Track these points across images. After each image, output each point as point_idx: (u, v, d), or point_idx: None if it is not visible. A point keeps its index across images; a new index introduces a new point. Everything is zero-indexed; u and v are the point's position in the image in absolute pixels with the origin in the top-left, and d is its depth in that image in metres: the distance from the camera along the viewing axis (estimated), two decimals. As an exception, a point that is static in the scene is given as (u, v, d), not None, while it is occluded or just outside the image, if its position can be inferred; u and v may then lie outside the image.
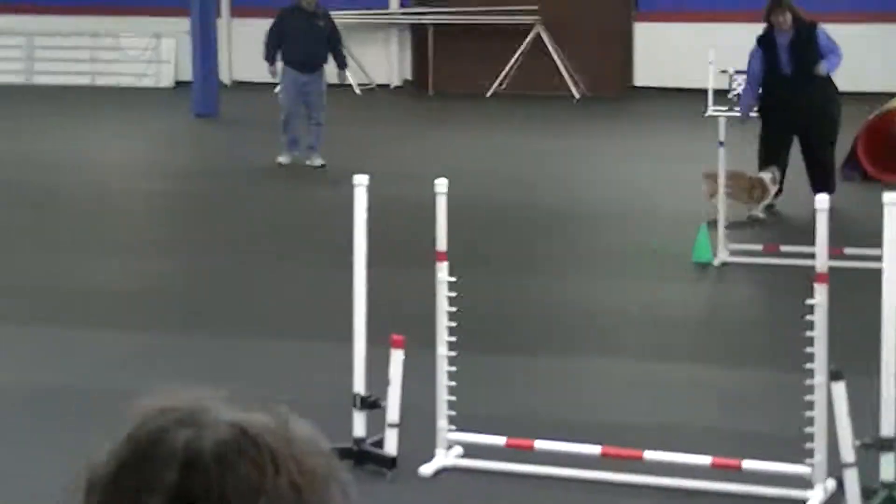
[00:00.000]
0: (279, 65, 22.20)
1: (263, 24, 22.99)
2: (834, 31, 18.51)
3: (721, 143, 14.83)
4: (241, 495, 1.68)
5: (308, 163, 21.51)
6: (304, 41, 21.67)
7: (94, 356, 11.29)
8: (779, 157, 17.47)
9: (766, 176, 16.98)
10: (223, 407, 1.76)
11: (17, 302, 13.23)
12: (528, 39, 34.37)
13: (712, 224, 14.86)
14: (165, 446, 1.71)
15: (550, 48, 34.16)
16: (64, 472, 1.80)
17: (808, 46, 17.61)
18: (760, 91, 18.08)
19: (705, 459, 8.22)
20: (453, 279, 8.76)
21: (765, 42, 17.89)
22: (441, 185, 8.72)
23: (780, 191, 17.35)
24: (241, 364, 10.77)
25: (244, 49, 34.64)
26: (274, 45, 22.11)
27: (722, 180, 14.78)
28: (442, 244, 8.74)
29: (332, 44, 22.10)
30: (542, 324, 12.65)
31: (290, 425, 1.77)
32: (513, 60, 34.35)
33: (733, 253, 14.65)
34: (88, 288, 13.95)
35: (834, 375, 7.83)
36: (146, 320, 12.63)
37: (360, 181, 8.78)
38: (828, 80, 17.74)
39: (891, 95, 23.43)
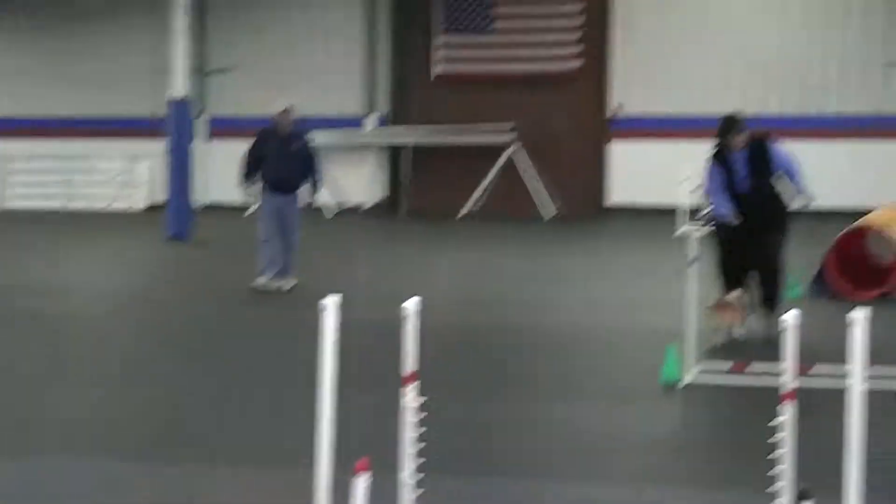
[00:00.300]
0: (257, 186, 22.12)
1: (240, 146, 22.92)
2: (798, 148, 18.61)
3: (692, 261, 14.86)
4: None
5: (279, 285, 21.49)
6: (280, 162, 21.69)
7: (63, 486, 11.20)
8: (741, 277, 17.38)
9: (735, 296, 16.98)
10: None
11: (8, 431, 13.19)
12: (502, 159, 34.51)
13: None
14: None
15: (521, 169, 34.30)
16: None
17: (763, 161, 17.45)
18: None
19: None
20: (421, 401, 8.73)
21: (719, 160, 17.67)
22: (410, 306, 8.70)
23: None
24: (205, 492, 10.68)
25: (220, 171, 34.73)
26: (251, 167, 22.01)
27: (692, 297, 14.78)
28: (409, 366, 8.71)
29: (308, 165, 21.99)
30: (509, 447, 12.58)
31: None
32: (487, 180, 34.50)
33: (702, 372, 14.66)
34: (55, 416, 13.87)
35: (801, 496, 7.82)
36: (111, 448, 12.54)
37: (329, 303, 8.76)
38: (778, 193, 17.61)
39: (859, 214, 23.60)
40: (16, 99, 38.69)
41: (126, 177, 37.52)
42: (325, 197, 33.69)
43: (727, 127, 17.68)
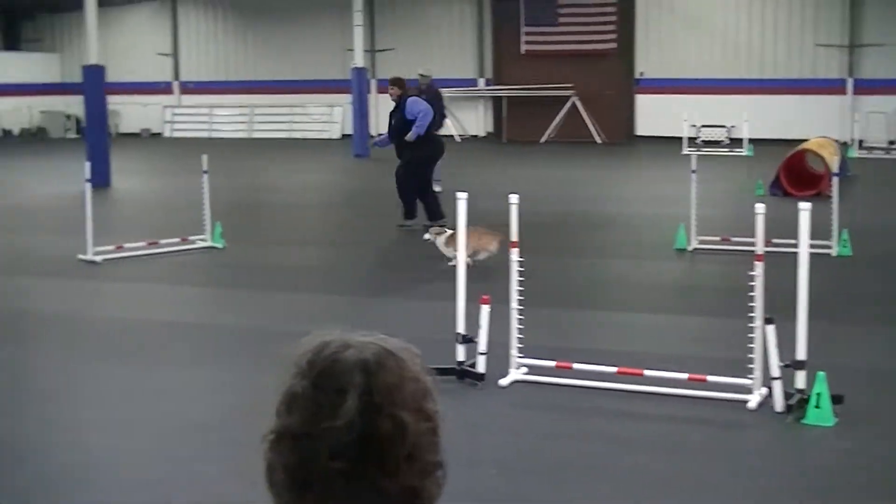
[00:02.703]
0: None
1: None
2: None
3: (693, 171, 14.68)
4: (391, 385, 1.72)
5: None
6: None
7: (289, 309, 11.32)
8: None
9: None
10: (360, 336, 1.80)
11: (253, 276, 13.30)
12: (567, 105, 34.33)
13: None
14: (344, 361, 1.74)
15: (581, 110, 34.10)
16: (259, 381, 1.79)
17: (399, 114, 16.42)
18: None
19: (683, 375, 8.12)
20: (521, 259, 8.73)
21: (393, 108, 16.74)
22: (513, 198, 8.67)
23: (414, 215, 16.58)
24: (386, 314, 10.76)
25: (383, 114, 35.02)
26: None
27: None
28: (514, 236, 8.69)
29: (435, 109, 21.78)
30: (577, 289, 12.55)
31: (405, 345, 1.82)
32: (558, 118, 34.34)
33: (701, 243, 14.51)
34: (281, 265, 13.99)
35: (767, 321, 7.73)
36: (317, 287, 12.64)
37: (462, 196, 8.75)
38: (414, 140, 16.29)
39: (800, 141, 23.21)
40: (259, 71, 38.93)
41: (327, 117, 37.66)
42: (452, 129, 33.78)
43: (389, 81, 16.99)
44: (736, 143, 31.21)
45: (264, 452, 1.78)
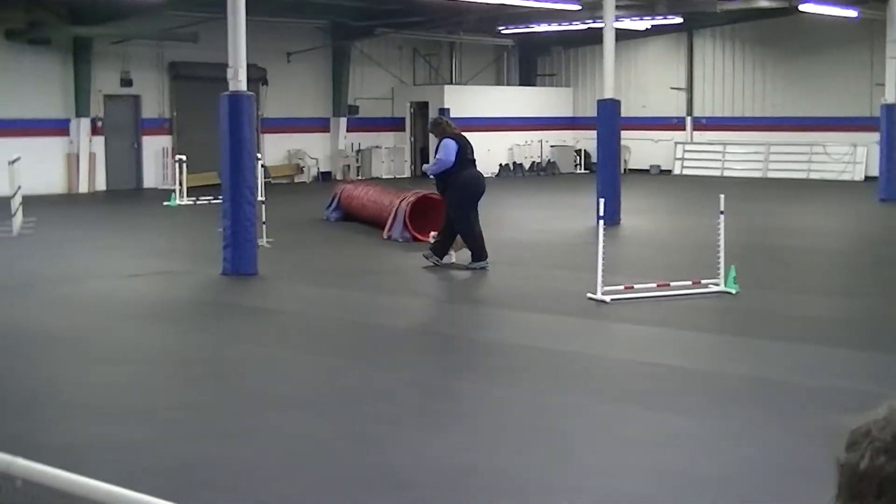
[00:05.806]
0: None
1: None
2: None
3: None
4: None
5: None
6: None
7: (806, 361, 10.94)
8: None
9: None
10: None
11: (766, 325, 13.04)
12: None
13: None
14: None
15: None
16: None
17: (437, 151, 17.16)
18: None
19: None
20: None
21: None
22: None
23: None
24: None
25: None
26: None
27: None
28: None
29: None
30: None
31: None
32: None
33: None
34: (797, 314, 13.57)
35: None
36: (835, 339, 12.08)
37: None
38: (443, 175, 16.97)
39: None
40: (776, 107, 38.42)
41: (850, 157, 36.51)
42: None
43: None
44: None
45: None
